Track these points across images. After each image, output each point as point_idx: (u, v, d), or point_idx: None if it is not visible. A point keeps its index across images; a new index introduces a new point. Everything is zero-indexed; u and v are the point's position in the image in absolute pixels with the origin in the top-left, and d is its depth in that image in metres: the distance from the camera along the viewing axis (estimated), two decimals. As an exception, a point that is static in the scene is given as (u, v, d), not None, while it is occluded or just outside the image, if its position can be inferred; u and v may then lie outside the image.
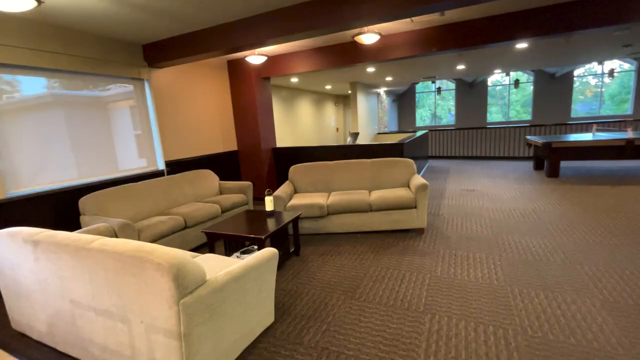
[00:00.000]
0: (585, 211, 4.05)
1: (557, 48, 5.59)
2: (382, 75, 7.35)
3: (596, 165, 6.90)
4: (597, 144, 5.72)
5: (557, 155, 6.02)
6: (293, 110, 8.40)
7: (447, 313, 2.17)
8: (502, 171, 7.15)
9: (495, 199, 4.87)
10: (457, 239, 3.44)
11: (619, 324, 1.95)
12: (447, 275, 2.68)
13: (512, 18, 3.85)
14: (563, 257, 2.86)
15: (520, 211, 4.23)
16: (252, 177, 5.71)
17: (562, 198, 4.70)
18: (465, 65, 6.85)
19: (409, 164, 4.16)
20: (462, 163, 8.74)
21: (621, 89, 10.77)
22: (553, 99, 10.77)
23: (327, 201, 3.73)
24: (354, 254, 3.22)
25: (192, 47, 3.81)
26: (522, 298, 2.29)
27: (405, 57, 4.49)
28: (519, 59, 6.56)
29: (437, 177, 6.88)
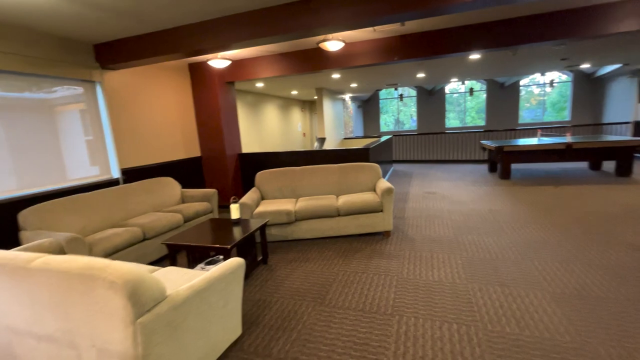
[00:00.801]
0: (534, 210, 4.39)
1: (505, 60, 6.05)
2: (346, 81, 7.50)
3: (541, 167, 7.53)
4: (541, 147, 6.25)
5: (508, 159, 6.48)
6: (259, 115, 8.29)
7: (414, 314, 2.22)
8: (460, 174, 7.56)
9: (455, 201, 5.12)
10: (421, 240, 3.56)
11: (566, 314, 2.11)
12: (413, 276, 2.76)
13: (467, 31, 4.11)
14: (516, 254, 3.06)
15: (477, 212, 4.48)
16: (217, 184, 5.52)
17: (514, 198, 5.06)
18: (424, 74, 7.19)
19: (374, 168, 4.26)
20: (424, 167, 9.12)
21: (560, 97, 11.89)
22: (503, 106, 11.63)
23: (294, 207, 3.70)
24: (322, 260, 3.21)
25: (149, 49, 3.63)
26: (482, 294, 2.41)
27: (368, 64, 4.61)
28: (473, 69, 7.02)
29: (402, 181, 7.11)
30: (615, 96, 9.54)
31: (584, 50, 5.75)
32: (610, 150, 6.04)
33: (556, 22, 3.80)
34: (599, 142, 6.02)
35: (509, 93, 11.54)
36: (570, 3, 3.54)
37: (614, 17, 3.63)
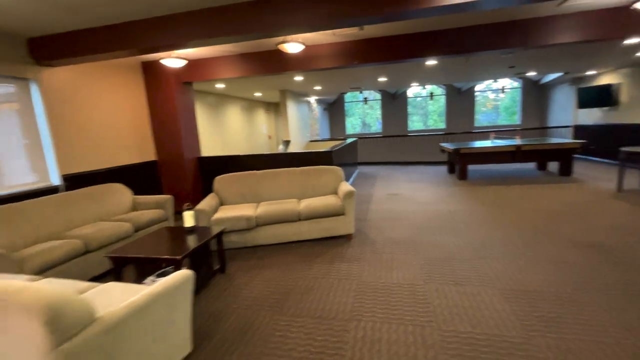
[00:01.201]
0: (488, 209, 4.62)
1: (459, 66, 6.36)
2: (310, 84, 7.49)
3: (495, 168, 7.99)
4: (495, 149, 6.62)
5: (465, 160, 6.80)
6: (221, 117, 8.03)
7: (372, 318, 2.22)
8: (422, 175, 7.81)
9: (417, 202, 5.27)
10: (382, 242, 3.60)
11: (514, 310, 2.21)
12: (373, 279, 2.77)
13: (423, 37, 4.24)
14: (471, 253, 3.18)
15: (437, 212, 4.63)
16: (175, 189, 5.24)
17: (470, 198, 5.30)
18: (386, 78, 7.37)
19: (337, 171, 4.25)
20: (388, 168, 9.34)
21: (512, 102, 12.74)
22: (461, 110, 12.25)
23: (255, 212, 3.59)
24: (283, 266, 3.14)
25: (93, 45, 3.35)
26: (438, 294, 2.46)
27: (329, 67, 4.61)
28: (431, 74, 7.31)
29: (366, 183, 7.21)
30: (558, 102, 10.39)
31: (529, 59, 6.19)
32: (553, 152, 6.54)
33: (504, 32, 4.03)
34: (544, 144, 6.50)
35: (466, 98, 12.17)
36: (516, 15, 3.77)
37: (555, 29, 3.92)
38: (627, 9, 3.65)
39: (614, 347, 1.81)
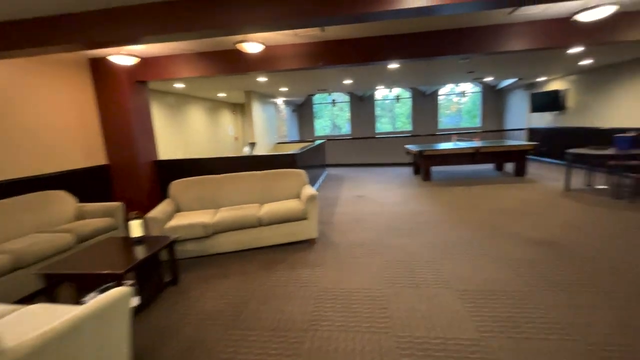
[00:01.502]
0: (449, 209, 4.74)
1: (421, 70, 6.52)
2: (275, 85, 7.36)
3: (457, 169, 8.29)
4: (456, 151, 6.86)
5: (428, 162, 6.99)
6: (183, 118, 7.67)
7: (329, 327, 2.15)
8: (388, 177, 7.94)
9: (381, 204, 5.31)
10: (345, 246, 3.57)
11: (469, 311, 2.24)
12: (334, 285, 2.71)
13: (386, 41, 4.27)
14: (431, 254, 3.22)
15: (401, 213, 4.68)
16: (128, 196, 4.91)
17: (433, 199, 5.43)
18: (352, 80, 7.40)
19: (300, 174, 4.17)
20: (356, 170, 9.41)
21: (473, 106, 13.33)
22: (426, 113, 12.64)
23: (213, 219, 3.42)
24: (242, 275, 3.00)
25: (27, 37, 3.03)
26: (397, 298, 2.45)
27: (292, 69, 4.53)
28: (396, 77, 7.44)
29: (334, 185, 7.19)
30: (514, 106, 11.02)
31: (486, 65, 6.48)
32: (509, 153, 6.88)
33: (461, 39, 4.16)
34: (500, 146, 6.82)
35: (430, 101, 12.58)
36: (471, 22, 3.90)
37: (506, 37, 4.10)
38: (569, 20, 3.90)
39: (564, 345, 1.88)
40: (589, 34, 3.98)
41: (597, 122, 7.25)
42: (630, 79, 6.40)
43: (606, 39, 3.97)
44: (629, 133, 5.13)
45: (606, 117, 7.00)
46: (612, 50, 5.41)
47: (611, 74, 6.83)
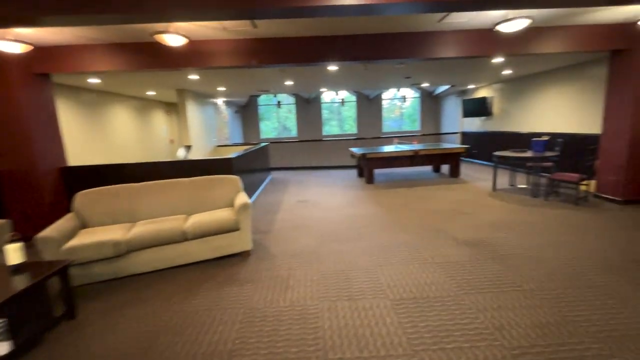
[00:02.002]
0: (389, 212, 4.77)
1: (360, 73, 6.55)
2: (210, 84, 6.86)
3: (398, 171, 8.56)
4: (397, 154, 7.04)
5: (371, 165, 7.07)
6: (104, 118, 6.79)
7: (253, 356, 1.90)
8: (333, 180, 7.89)
9: (324, 208, 5.18)
10: (282, 257, 3.34)
11: (401, 322, 2.15)
12: (264, 303, 2.46)
13: (323, 42, 4.15)
14: (368, 261, 3.13)
15: (342, 218, 4.59)
16: (26, 209, 4.12)
17: (375, 202, 5.45)
18: (292, 82, 7.21)
19: (234, 181, 3.85)
20: (302, 174, 9.24)
21: (413, 110, 14.03)
22: (370, 116, 12.98)
23: (127, 235, 2.96)
24: (160, 299, 2.61)
25: None
26: (330, 314, 2.28)
27: (223, 67, 4.19)
28: (337, 80, 7.42)
29: (277, 190, 6.93)
30: (448, 111, 11.80)
31: (420, 71, 6.75)
32: (445, 155, 7.26)
33: (395, 43, 4.19)
34: (437, 149, 7.16)
35: (374, 105, 12.94)
36: (405, 27, 3.94)
37: (437, 44, 4.23)
38: (492, 31, 4.14)
39: (492, 352, 1.85)
40: (508, 45, 4.27)
41: (517, 127, 8.00)
42: (542, 89, 7.14)
43: (522, 51, 4.30)
44: (543, 137, 5.67)
45: (524, 122, 7.75)
46: (527, 62, 5.96)
47: (527, 84, 7.58)
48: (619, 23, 4.24)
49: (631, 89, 4.39)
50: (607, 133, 4.82)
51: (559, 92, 6.68)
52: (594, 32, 4.27)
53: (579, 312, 2.18)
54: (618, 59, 4.55)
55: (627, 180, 4.58)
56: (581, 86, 6.13)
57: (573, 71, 6.30)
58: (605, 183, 4.87)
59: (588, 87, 5.97)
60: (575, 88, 6.28)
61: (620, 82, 4.55)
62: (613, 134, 4.71)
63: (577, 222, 3.95)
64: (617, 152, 4.65)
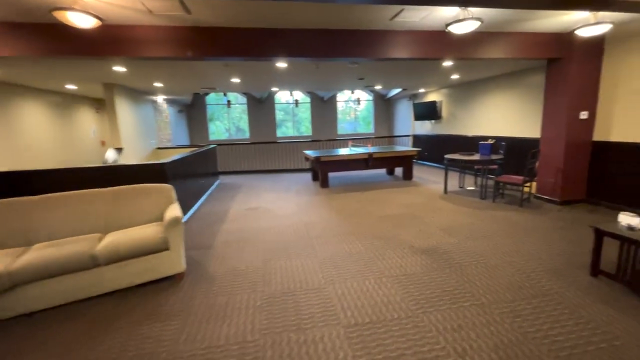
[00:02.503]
0: (343, 218, 4.52)
1: (311, 73, 6.25)
2: (144, 78, 6.06)
3: (353, 174, 8.44)
4: (351, 157, 6.86)
5: (325, 168, 6.81)
6: (10, 116, 5.68)
7: None
8: (287, 184, 7.51)
9: (275, 216, 4.79)
10: (222, 278, 2.89)
11: (355, 354, 1.85)
12: (192, 345, 2.02)
13: (270, 34, 3.77)
14: (321, 278, 2.81)
15: (294, 227, 4.23)
16: None
17: (329, 208, 5.17)
18: (239, 79, 6.67)
19: (164, 191, 3.30)
20: (255, 178, 8.72)
21: (367, 113, 14.16)
22: (325, 118, 12.81)
23: (13, 264, 2.31)
24: (55, 346, 2.03)
25: None
26: (273, 352, 1.91)
27: (154, 57, 3.62)
28: (287, 78, 7.05)
29: (225, 197, 6.36)
30: (401, 114, 12.04)
31: (373, 72, 6.66)
32: (398, 158, 7.25)
33: (348, 41, 3.95)
34: (391, 152, 7.13)
35: (329, 106, 12.80)
36: (357, 24, 3.70)
37: (389, 44, 4.07)
38: (443, 33, 4.09)
39: (449, 389, 1.62)
40: (457, 48, 4.25)
41: (464, 130, 8.31)
42: (487, 94, 7.47)
43: (470, 55, 4.31)
44: (489, 141, 5.85)
45: (470, 126, 8.06)
46: (474, 67, 6.14)
47: (473, 89, 7.90)
48: (556, 33, 4.44)
49: (565, 97, 4.63)
50: (545, 137, 5.07)
51: (502, 98, 7.01)
52: (534, 41, 4.42)
53: (538, 327, 2.07)
54: (554, 68, 4.79)
55: (563, 182, 4.83)
56: (522, 93, 6.47)
57: (514, 78, 6.63)
58: (545, 185, 5.11)
59: (528, 93, 6.31)
60: (516, 94, 6.61)
61: (556, 90, 4.79)
62: (550, 138, 4.95)
63: (524, 224, 4.02)
64: (555, 155, 4.89)
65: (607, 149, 4.62)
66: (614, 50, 4.44)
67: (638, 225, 2.55)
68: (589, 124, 4.75)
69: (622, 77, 4.37)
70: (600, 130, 4.70)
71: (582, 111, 4.68)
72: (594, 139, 4.79)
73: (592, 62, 4.57)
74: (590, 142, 4.81)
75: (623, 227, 2.59)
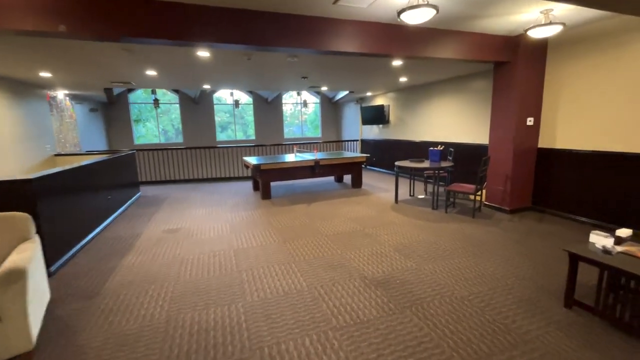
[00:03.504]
0: (285, 241, 3.79)
1: (241, 65, 5.40)
2: (22, 65, 4.65)
3: (298, 183, 7.75)
4: (296, 164, 6.17)
5: (267, 177, 6.02)
6: None
7: None
8: (223, 195, 6.55)
9: (198, 242, 3.88)
10: (99, 351, 1.96)
11: None
12: None
13: (184, 10, 2.91)
14: (245, 340, 2.04)
15: (219, 258, 3.38)
16: None
17: (268, 225, 4.40)
18: (156, 72, 5.53)
19: (16, 223, 2.26)
20: (187, 188, 7.57)
21: (315, 116, 13.63)
22: (270, 121, 11.98)
23: None
24: None
25: None
26: None
27: (9, 30, 2.54)
28: (219, 75, 6.13)
29: (142, 214, 5.22)
30: (348, 118, 11.70)
31: (316, 69, 6.05)
32: (347, 165, 6.74)
33: (285, 28, 3.25)
34: (339, 158, 6.59)
35: (274, 109, 12.00)
36: (296, 8, 3.02)
37: (335, 34, 3.47)
38: (393, 25, 3.60)
39: None
40: (408, 45, 3.81)
41: (412, 136, 8.12)
42: (434, 99, 7.33)
43: (421, 53, 3.90)
44: (439, 147, 5.59)
45: (418, 131, 7.90)
46: (421, 69, 5.86)
47: (421, 93, 7.74)
48: (505, 35, 4.25)
49: (513, 102, 4.47)
50: (493, 143, 4.89)
51: (450, 103, 6.89)
52: (483, 42, 4.18)
53: (530, 403, 1.55)
54: (501, 71, 4.62)
55: (512, 190, 4.67)
56: (469, 98, 6.37)
57: (462, 83, 6.53)
58: (494, 193, 4.93)
59: (475, 99, 6.22)
60: (463, 99, 6.51)
61: (503, 94, 4.63)
62: (498, 144, 4.78)
63: (480, 238, 3.68)
64: (503, 162, 4.72)
65: (551, 156, 4.55)
66: (556, 55, 4.37)
67: (613, 248, 2.23)
68: (534, 130, 4.66)
69: (564, 83, 4.31)
70: (545, 137, 4.63)
71: (529, 117, 4.57)
72: (539, 146, 4.72)
73: (536, 67, 4.47)
74: (536, 148, 4.73)
75: (598, 250, 2.25)
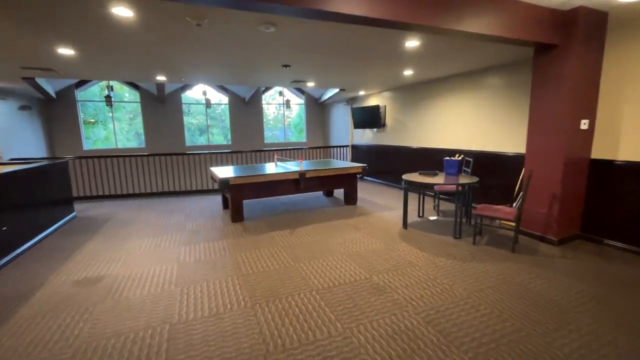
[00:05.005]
0: (253, 302, 2.49)
1: (189, 36, 4.08)
2: None
3: (279, 199, 6.44)
4: (276, 178, 4.87)
5: (239, 194, 4.69)
6: None
7: None
8: (184, 216, 5.16)
9: (121, 307, 2.51)
10: None
11: None
12: None
13: None
14: None
15: (142, 348, 2.04)
16: None
17: (234, 269, 3.08)
18: (73, 50, 3.78)
19: None
20: (140, 205, 6.11)
21: (299, 120, 12.36)
22: (248, 124, 10.63)
23: None
24: None
25: None
26: None
27: None
28: (172, 59, 4.76)
29: (61, 249, 3.77)
30: (337, 121, 10.49)
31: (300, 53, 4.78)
32: (339, 177, 5.49)
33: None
34: (329, 169, 5.34)
35: (252, 110, 10.67)
36: None
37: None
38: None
39: None
40: (433, 10, 2.63)
41: (413, 141, 6.98)
42: (444, 97, 6.21)
43: (449, 24, 2.73)
44: (457, 156, 4.43)
45: (420, 137, 6.76)
46: (435, 61, 4.71)
47: (426, 91, 6.61)
48: (551, 9, 3.14)
49: (562, 98, 3.36)
50: (532, 153, 3.77)
51: (461, 103, 5.77)
52: (525, 15, 3.06)
53: None
54: (545, 58, 3.51)
55: (560, 213, 3.54)
56: (485, 96, 5.27)
57: (474, 79, 5.43)
58: (534, 216, 3.79)
59: (492, 97, 5.12)
60: (478, 99, 5.40)
61: (549, 89, 3.51)
62: (541, 154, 3.65)
63: (541, 293, 2.50)
64: (547, 176, 3.59)
65: (610, 169, 3.46)
66: (619, 35, 3.29)
67: None
68: (588, 136, 3.56)
69: (631, 74, 3.22)
70: (601, 145, 3.54)
71: (583, 119, 3.46)
72: (592, 157, 3.62)
73: (592, 52, 3.38)
74: (589, 160, 3.63)
75: None
